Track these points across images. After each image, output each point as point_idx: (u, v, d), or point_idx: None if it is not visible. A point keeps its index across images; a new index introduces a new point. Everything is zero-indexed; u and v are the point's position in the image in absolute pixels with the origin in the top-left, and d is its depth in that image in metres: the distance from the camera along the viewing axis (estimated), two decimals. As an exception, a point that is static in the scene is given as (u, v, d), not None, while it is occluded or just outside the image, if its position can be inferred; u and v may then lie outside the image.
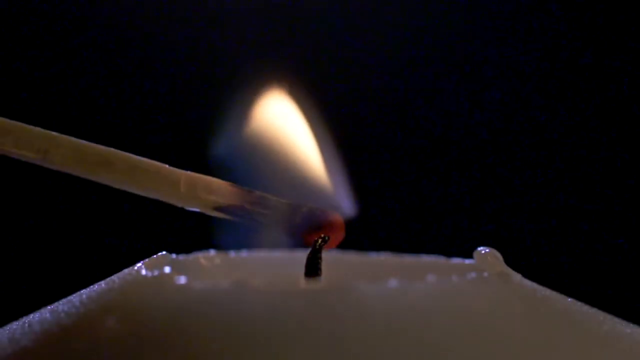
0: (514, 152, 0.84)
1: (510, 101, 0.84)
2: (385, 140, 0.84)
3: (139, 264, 0.38)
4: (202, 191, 0.39)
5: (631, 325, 0.38)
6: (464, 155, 0.84)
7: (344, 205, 0.43)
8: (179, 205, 0.39)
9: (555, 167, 0.83)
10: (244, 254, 0.44)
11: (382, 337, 0.32)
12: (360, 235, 0.43)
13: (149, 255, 0.39)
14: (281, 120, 0.45)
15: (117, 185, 0.39)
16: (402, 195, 0.83)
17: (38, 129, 0.39)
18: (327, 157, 0.44)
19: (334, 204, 0.43)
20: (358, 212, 0.43)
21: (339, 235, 0.40)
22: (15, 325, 0.37)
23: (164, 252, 0.40)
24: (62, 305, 0.37)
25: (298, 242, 0.40)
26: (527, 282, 0.38)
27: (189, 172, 0.39)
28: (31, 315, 0.38)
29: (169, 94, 0.83)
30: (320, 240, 0.39)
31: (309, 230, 0.39)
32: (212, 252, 0.44)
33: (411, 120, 0.84)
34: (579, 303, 0.38)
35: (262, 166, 0.43)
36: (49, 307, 0.38)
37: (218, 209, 0.39)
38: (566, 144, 0.83)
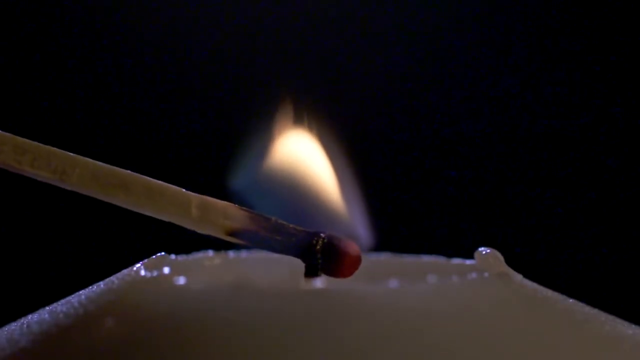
0: (515, 152, 0.84)
1: (512, 102, 0.84)
2: (384, 141, 0.84)
3: (138, 265, 0.38)
4: (216, 216, 0.39)
5: (633, 326, 0.38)
6: (465, 156, 0.84)
7: (361, 234, 0.43)
8: (194, 228, 0.39)
9: (556, 168, 0.83)
10: (244, 254, 0.44)
11: (382, 337, 0.32)
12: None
13: (148, 256, 0.39)
14: (300, 151, 0.44)
15: (133, 208, 0.39)
16: (402, 195, 0.83)
17: (55, 149, 0.39)
18: (343, 185, 0.44)
19: (351, 232, 0.42)
20: (373, 239, 0.43)
21: (356, 264, 0.40)
22: (14, 325, 0.37)
23: (162, 253, 0.40)
24: (60, 306, 0.37)
25: (314, 269, 0.39)
26: (528, 283, 0.38)
27: (204, 196, 0.39)
28: (30, 316, 0.38)
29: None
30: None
31: (325, 258, 0.39)
32: (211, 252, 0.43)
33: (411, 121, 0.84)
34: (580, 303, 0.38)
35: (281, 195, 0.43)
36: (47, 308, 0.38)
37: (233, 234, 0.39)
38: (566, 144, 0.83)
